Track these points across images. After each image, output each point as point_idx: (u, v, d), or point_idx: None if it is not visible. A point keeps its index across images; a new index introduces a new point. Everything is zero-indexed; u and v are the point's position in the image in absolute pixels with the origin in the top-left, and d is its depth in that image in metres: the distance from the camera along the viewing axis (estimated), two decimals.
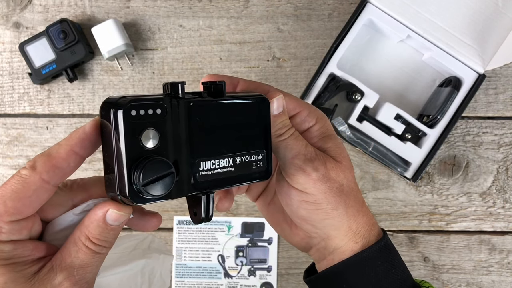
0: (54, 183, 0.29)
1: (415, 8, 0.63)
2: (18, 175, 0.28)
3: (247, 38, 0.68)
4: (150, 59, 0.68)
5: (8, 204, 0.28)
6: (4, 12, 0.68)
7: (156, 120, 0.28)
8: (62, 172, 0.29)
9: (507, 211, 0.68)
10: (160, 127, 0.28)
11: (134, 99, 0.28)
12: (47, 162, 0.28)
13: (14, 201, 0.28)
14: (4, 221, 0.28)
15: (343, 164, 0.36)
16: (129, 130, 0.28)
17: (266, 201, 0.41)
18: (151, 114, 0.28)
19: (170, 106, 0.29)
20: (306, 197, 0.35)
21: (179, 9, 0.68)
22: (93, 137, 0.29)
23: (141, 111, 0.28)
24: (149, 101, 0.28)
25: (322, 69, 0.63)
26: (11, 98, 0.69)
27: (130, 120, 0.27)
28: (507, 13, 0.62)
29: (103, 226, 0.30)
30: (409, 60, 0.67)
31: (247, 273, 0.69)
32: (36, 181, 0.28)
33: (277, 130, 0.34)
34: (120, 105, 0.27)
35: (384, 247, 0.36)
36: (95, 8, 0.68)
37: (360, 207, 0.36)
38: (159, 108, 0.28)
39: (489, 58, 0.63)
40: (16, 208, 0.28)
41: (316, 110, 0.37)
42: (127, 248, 0.43)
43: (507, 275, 0.69)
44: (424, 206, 0.69)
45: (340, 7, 0.68)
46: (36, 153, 0.68)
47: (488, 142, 0.68)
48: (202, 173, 0.30)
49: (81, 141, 0.29)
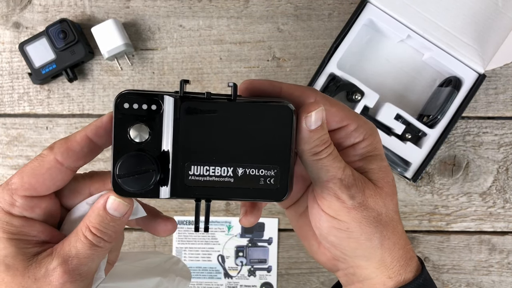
0: (67, 165, 0.30)
1: (415, 8, 0.63)
2: (39, 155, 0.30)
3: (247, 38, 0.68)
4: (150, 59, 0.68)
5: (24, 179, 0.30)
6: (4, 12, 0.68)
7: (149, 115, 0.28)
8: (76, 155, 0.30)
9: (507, 211, 0.68)
10: (153, 123, 0.28)
11: (129, 92, 0.28)
12: (63, 144, 0.30)
13: (30, 177, 0.30)
14: (19, 195, 0.30)
15: (384, 191, 0.32)
16: (120, 122, 0.28)
17: (297, 212, 0.37)
18: (145, 109, 0.28)
19: (171, 103, 0.28)
20: (338, 224, 0.32)
21: (179, 9, 0.68)
22: (108, 127, 0.30)
23: (134, 105, 0.28)
24: (144, 96, 0.28)
25: (322, 69, 0.63)
26: (11, 98, 0.69)
27: (122, 112, 0.28)
28: (507, 13, 0.62)
29: (103, 215, 0.30)
30: (409, 60, 0.67)
31: (247, 273, 0.69)
32: (50, 161, 0.30)
33: (313, 147, 0.30)
34: (117, 97, 0.28)
35: (422, 286, 0.33)
36: (95, 8, 0.68)
37: (398, 239, 0.33)
38: (154, 104, 0.28)
39: (489, 58, 0.63)
40: (31, 184, 0.30)
41: (366, 123, 0.32)
42: (150, 263, 0.43)
43: (507, 275, 0.69)
44: (424, 206, 0.69)
45: (340, 7, 0.68)
46: (36, 153, 0.68)
47: (488, 142, 0.68)
48: (192, 178, 0.29)
49: (96, 129, 0.30)
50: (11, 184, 0.30)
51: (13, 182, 0.30)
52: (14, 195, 0.30)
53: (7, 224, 0.30)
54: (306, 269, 0.69)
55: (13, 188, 0.30)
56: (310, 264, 0.69)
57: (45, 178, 0.30)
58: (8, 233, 0.30)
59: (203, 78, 0.68)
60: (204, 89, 0.68)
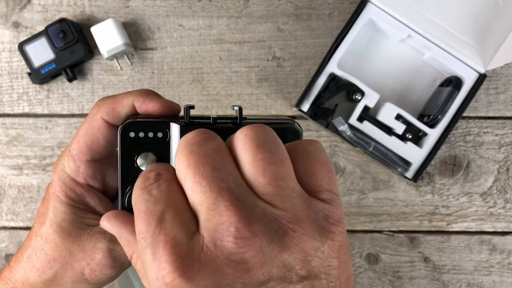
0: (114, 123, 0.30)
1: (415, 8, 0.63)
2: (88, 115, 0.30)
3: (247, 38, 0.68)
4: (150, 58, 0.68)
5: (81, 143, 0.30)
6: (3, 12, 0.68)
7: (156, 143, 0.28)
8: (119, 118, 0.30)
9: (508, 211, 0.68)
10: (160, 151, 0.28)
11: (134, 121, 0.28)
12: (110, 104, 0.30)
13: (85, 139, 0.30)
14: (81, 160, 0.30)
15: None
16: (126, 152, 0.28)
17: None
18: (151, 137, 0.28)
19: (177, 130, 0.27)
20: None
21: (179, 9, 0.68)
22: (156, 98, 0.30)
23: (140, 133, 0.28)
24: (150, 124, 0.28)
25: (322, 69, 0.63)
26: (10, 98, 0.68)
27: (127, 141, 0.28)
28: (508, 13, 0.62)
29: None
30: (409, 59, 0.67)
31: None
32: (98, 120, 0.30)
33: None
34: (122, 126, 0.28)
35: None
36: (94, 8, 0.68)
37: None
38: (160, 132, 0.28)
39: (490, 57, 0.63)
40: (87, 145, 0.30)
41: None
42: None
43: (507, 276, 0.69)
44: (424, 206, 0.68)
45: (341, 6, 0.68)
46: (36, 153, 0.68)
47: (489, 142, 0.68)
48: None
49: (143, 98, 0.29)
50: (72, 150, 0.31)
51: (73, 148, 0.31)
52: (77, 161, 0.30)
53: (70, 190, 0.31)
54: None
55: (74, 154, 0.31)
56: None
57: (98, 137, 0.30)
58: (70, 199, 0.31)
59: (203, 78, 0.68)
60: (203, 89, 0.68)
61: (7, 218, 0.69)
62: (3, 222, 0.69)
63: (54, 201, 0.31)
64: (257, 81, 0.68)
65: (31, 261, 0.32)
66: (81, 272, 0.31)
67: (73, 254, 0.31)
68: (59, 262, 0.31)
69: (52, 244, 0.31)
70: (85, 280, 0.31)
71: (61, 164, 0.31)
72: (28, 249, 0.32)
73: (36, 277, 0.32)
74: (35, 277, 0.32)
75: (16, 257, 0.33)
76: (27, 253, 0.32)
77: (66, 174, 0.31)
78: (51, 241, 0.31)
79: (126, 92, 0.30)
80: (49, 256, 0.31)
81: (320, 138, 0.68)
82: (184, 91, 0.68)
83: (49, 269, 0.31)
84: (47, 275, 0.31)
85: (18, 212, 0.69)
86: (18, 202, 0.69)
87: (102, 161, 0.32)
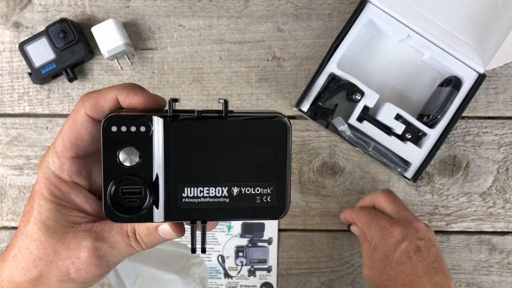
0: (98, 118, 0.30)
1: (415, 8, 0.63)
2: (73, 111, 0.31)
3: (247, 38, 0.68)
4: (150, 58, 0.68)
5: (65, 139, 0.30)
6: (4, 12, 0.68)
7: (138, 137, 0.27)
8: (103, 113, 0.30)
9: (507, 211, 0.68)
10: (143, 145, 0.27)
11: (116, 115, 0.27)
12: (94, 98, 0.30)
13: (69, 135, 0.30)
14: (65, 156, 0.30)
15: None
16: (108, 147, 0.27)
17: None
18: (133, 131, 0.27)
19: (161, 124, 0.27)
20: None
21: (179, 9, 0.68)
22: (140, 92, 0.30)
23: (122, 127, 0.27)
24: (132, 118, 0.27)
25: (322, 69, 0.63)
26: (11, 98, 0.69)
27: (110, 136, 0.27)
28: (507, 13, 0.62)
29: (152, 232, 0.30)
30: (409, 59, 0.67)
31: (247, 273, 0.69)
32: (82, 115, 0.30)
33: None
34: (104, 120, 0.27)
35: None
36: (95, 8, 0.68)
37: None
38: (143, 126, 0.27)
39: (489, 57, 0.63)
40: (71, 141, 0.30)
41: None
42: (174, 253, 0.43)
43: (507, 275, 0.69)
44: (424, 206, 0.69)
45: (340, 6, 0.68)
46: (36, 153, 0.68)
47: (488, 142, 0.68)
48: (186, 200, 0.28)
49: (127, 92, 0.29)
50: (57, 147, 0.30)
51: (58, 145, 0.30)
52: (62, 158, 0.30)
53: (55, 188, 0.31)
54: (306, 269, 0.69)
55: (58, 150, 0.30)
56: (310, 264, 0.69)
57: (82, 133, 0.30)
58: (55, 196, 0.30)
59: (203, 78, 0.68)
60: (203, 89, 0.68)
61: (8, 218, 0.69)
62: (3, 222, 0.69)
63: (39, 198, 0.30)
64: (257, 81, 0.68)
65: (17, 260, 0.31)
66: (66, 271, 0.31)
67: (58, 253, 0.30)
68: (44, 260, 0.31)
69: (37, 243, 0.30)
70: (71, 279, 0.31)
71: (46, 161, 0.31)
72: (14, 248, 0.32)
73: (22, 276, 0.31)
74: (20, 276, 0.31)
75: (3, 256, 0.33)
76: (13, 252, 0.31)
77: (51, 171, 0.30)
78: (35, 239, 0.30)
79: (110, 86, 0.30)
80: (34, 255, 0.31)
81: (320, 138, 0.68)
82: (184, 91, 0.68)
83: (34, 267, 0.31)
84: (32, 274, 0.31)
85: (18, 212, 0.69)
86: (18, 202, 0.69)
87: (87, 157, 0.31)
